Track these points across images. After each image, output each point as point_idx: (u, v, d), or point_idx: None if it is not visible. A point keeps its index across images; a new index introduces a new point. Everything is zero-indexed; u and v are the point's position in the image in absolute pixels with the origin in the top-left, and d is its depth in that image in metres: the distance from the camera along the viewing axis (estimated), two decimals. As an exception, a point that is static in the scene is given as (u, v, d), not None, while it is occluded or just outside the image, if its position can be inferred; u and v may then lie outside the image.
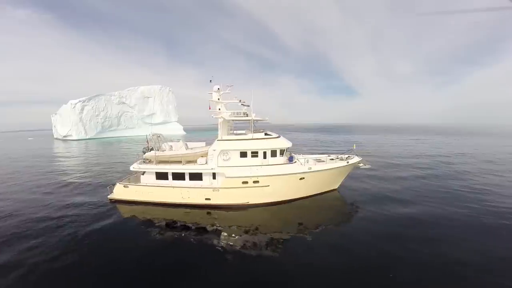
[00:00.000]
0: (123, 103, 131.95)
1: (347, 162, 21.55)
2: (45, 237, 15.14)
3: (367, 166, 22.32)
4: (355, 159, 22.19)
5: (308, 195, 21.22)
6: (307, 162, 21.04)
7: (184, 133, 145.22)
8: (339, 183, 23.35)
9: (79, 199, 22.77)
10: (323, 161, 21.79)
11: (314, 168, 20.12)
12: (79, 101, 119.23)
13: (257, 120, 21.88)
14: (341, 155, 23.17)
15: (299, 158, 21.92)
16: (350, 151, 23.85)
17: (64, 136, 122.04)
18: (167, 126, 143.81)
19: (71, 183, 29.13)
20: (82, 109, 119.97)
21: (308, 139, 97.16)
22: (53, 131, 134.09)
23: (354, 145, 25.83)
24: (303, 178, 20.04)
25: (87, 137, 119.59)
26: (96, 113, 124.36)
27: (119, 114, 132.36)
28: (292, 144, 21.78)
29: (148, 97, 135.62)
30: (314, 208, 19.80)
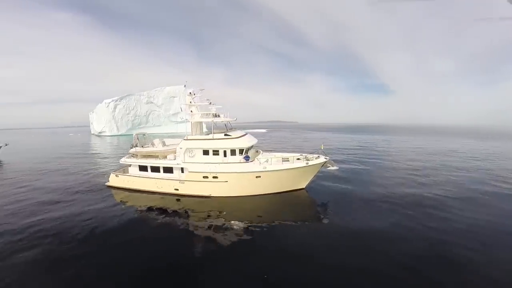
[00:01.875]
0: (151, 102, 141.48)
1: (307, 163, 21.85)
2: (61, 204, 19.67)
3: (334, 168, 22.34)
4: (317, 160, 22.42)
5: (268, 192, 22.17)
6: (267, 161, 21.99)
7: (206, 130, 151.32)
8: (306, 183, 23.59)
9: (91, 181, 28.58)
10: (287, 161, 22.54)
11: (269, 168, 21.20)
12: (112, 101, 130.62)
13: (228, 121, 24.51)
14: (310, 155, 23.49)
15: (267, 156, 23.13)
16: (317, 151, 24.29)
17: (99, 132, 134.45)
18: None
19: (91, 169, 34.70)
20: (115, 107, 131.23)
21: (343, 141, 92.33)
22: (91, 127, 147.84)
23: (322, 145, 25.49)
24: (259, 176, 21.29)
25: (119, 134, 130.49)
26: (127, 111, 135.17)
27: (148, 113, 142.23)
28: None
29: (174, 97, 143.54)
30: (275, 203, 20.73)
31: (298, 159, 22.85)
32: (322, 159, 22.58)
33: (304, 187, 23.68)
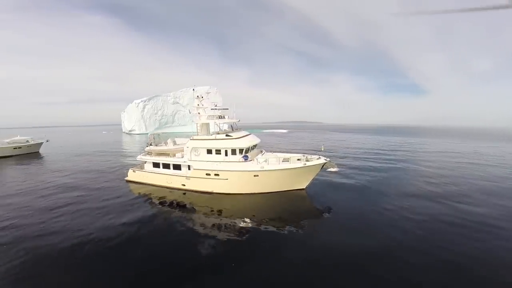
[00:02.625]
0: (177, 102, 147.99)
1: (304, 164, 22.05)
2: (83, 195, 21.92)
3: (334, 169, 22.42)
4: (316, 161, 22.48)
5: (266, 191, 22.77)
6: (265, 161, 22.59)
7: (219, 130, 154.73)
8: (307, 183, 23.74)
9: (115, 175, 31.67)
10: (287, 161, 23.00)
11: (267, 167, 21.82)
12: (141, 101, 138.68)
13: (234, 122, 26.41)
14: (310, 156, 23.67)
15: (268, 156, 23.83)
16: (318, 152, 24.65)
17: (130, 131, 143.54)
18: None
19: (117, 164, 37.90)
20: (144, 107, 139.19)
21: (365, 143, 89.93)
22: (122, 126, 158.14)
23: (323, 146, 25.95)
24: (257, 175, 22.03)
25: (147, 132, 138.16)
26: (155, 111, 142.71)
27: (174, 113, 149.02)
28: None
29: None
30: (273, 202, 21.20)
31: (298, 159, 23.10)
32: (321, 160, 22.66)
33: (304, 187, 23.82)
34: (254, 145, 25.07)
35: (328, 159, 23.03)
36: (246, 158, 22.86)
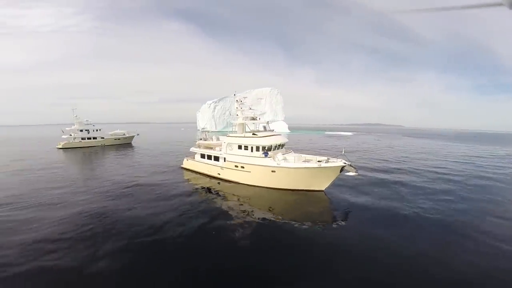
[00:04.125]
0: (242, 103, 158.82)
1: (319, 165, 22.54)
2: (151, 175, 29.33)
3: (353, 173, 21.98)
4: (332, 163, 22.73)
5: (284, 187, 24.50)
6: (284, 159, 24.43)
7: (288, 131, 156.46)
8: (326, 185, 23.93)
9: (176, 163, 38.80)
10: (307, 161, 24.23)
11: (282, 164, 23.69)
12: (213, 102, 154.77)
13: (267, 122, 30.24)
14: (332, 158, 23.96)
15: (291, 155, 25.57)
16: (338, 155, 24.29)
17: (202, 129, 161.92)
18: (274, 125, 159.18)
19: (182, 154, 44.97)
20: (214, 108, 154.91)
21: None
22: (197, 124, 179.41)
23: (344, 150, 25.20)
24: (274, 171, 24.19)
25: (217, 130, 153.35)
26: (223, 111, 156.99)
27: (255, 114, 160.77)
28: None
29: (260, 99, 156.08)
30: (291, 199, 22.60)
31: (319, 161, 23.89)
32: (338, 163, 22.85)
33: (323, 189, 24.21)
34: (279, 145, 27.25)
35: (347, 162, 22.91)
36: (266, 154, 25.52)
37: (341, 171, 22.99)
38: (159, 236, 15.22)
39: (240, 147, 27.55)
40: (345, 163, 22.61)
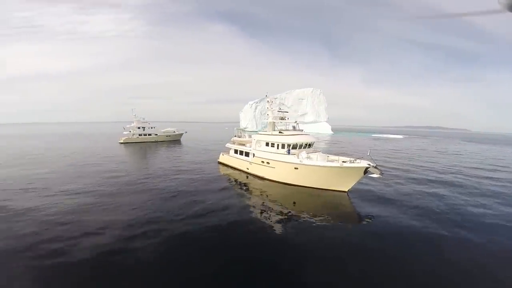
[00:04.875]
0: (282, 104, 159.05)
1: (341, 164, 22.38)
2: (190, 169, 33.06)
3: (377, 175, 21.28)
4: (354, 164, 22.36)
5: (307, 185, 25.05)
6: (308, 158, 24.81)
7: (331, 133, 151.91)
8: (349, 186, 23.52)
9: (214, 158, 42.20)
10: (332, 161, 24.34)
11: (305, 162, 24.26)
12: (254, 102, 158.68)
13: (296, 123, 31.67)
14: (358, 160, 23.41)
15: (316, 155, 25.83)
16: (362, 157, 23.78)
17: (244, 128, 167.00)
18: (317, 126, 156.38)
19: (220, 150, 47.77)
20: (256, 108, 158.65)
21: None
22: (240, 123, 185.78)
23: (369, 151, 24.12)
24: (297, 168, 24.88)
25: (257, 130, 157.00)
26: (264, 111, 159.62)
27: (284, 114, 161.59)
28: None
29: (302, 99, 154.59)
30: (313, 197, 23.14)
31: (343, 161, 23.72)
32: (362, 163, 22.43)
33: (346, 190, 23.90)
34: (305, 143, 27.89)
35: (372, 164, 22.06)
36: (288, 152, 26.73)
37: (365, 172, 22.27)
38: (185, 223, 16.86)
39: (267, 144, 29.18)
40: (369, 165, 21.87)
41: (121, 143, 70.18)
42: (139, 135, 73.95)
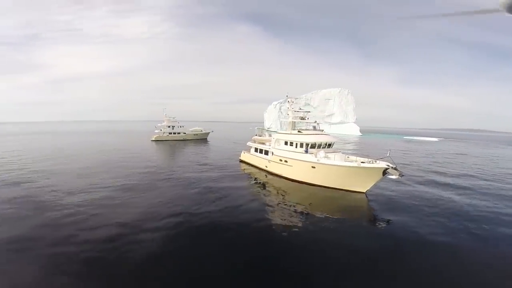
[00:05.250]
0: (308, 104, 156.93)
1: (359, 164, 22.25)
2: (214, 166, 34.79)
3: (395, 176, 20.71)
4: (372, 164, 22.06)
5: (324, 185, 25.10)
6: (326, 157, 24.80)
7: (360, 134, 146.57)
8: (367, 187, 23.16)
9: (236, 156, 43.41)
10: (350, 161, 24.27)
11: (322, 161, 24.28)
12: (278, 102, 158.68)
13: (317, 123, 31.86)
14: (377, 161, 22.90)
15: (334, 154, 25.70)
16: (382, 158, 22.97)
17: (268, 128, 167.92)
18: (344, 126, 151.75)
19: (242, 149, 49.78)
20: (280, 108, 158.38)
21: None
22: (264, 124, 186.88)
23: (389, 151, 22.93)
24: (314, 167, 24.96)
25: (281, 130, 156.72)
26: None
27: (304, 114, 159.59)
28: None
29: (329, 99, 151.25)
30: (330, 198, 23.21)
31: (362, 162, 23.44)
32: (380, 164, 21.92)
33: (364, 191, 23.64)
34: (324, 143, 27.90)
35: (391, 165, 21.59)
36: (306, 151, 26.97)
37: (384, 174, 21.67)
38: (202, 217, 18.02)
39: (286, 143, 29.81)
40: (388, 166, 21.47)
41: (153, 140, 74.90)
42: (169, 133, 78.34)
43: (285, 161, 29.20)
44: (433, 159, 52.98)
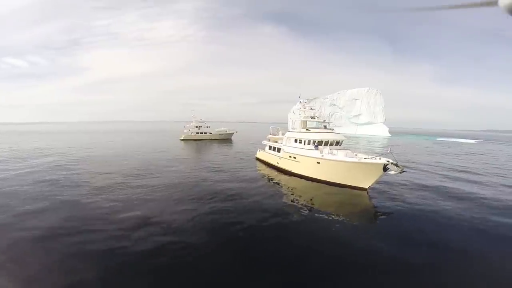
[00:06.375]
0: (334, 104, 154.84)
1: (359, 160, 23.21)
2: (232, 163, 38.30)
3: (395, 172, 21.32)
4: (372, 160, 22.78)
5: (328, 180, 26.50)
6: (329, 153, 26.07)
7: (389, 135, 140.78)
8: (369, 183, 23.65)
9: (254, 153, 46.16)
10: (353, 157, 24.97)
11: (326, 157, 25.62)
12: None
13: (327, 122, 34.02)
14: (377, 156, 23.68)
15: (341, 151, 26.43)
16: (384, 154, 23.51)
17: (293, 128, 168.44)
18: (372, 127, 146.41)
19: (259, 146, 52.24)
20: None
21: None
22: (288, 124, 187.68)
23: (390, 148, 23.34)
24: (319, 162, 26.47)
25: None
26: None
27: (330, 114, 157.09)
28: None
29: (356, 99, 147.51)
30: (332, 193, 24.04)
31: (365, 158, 24.23)
32: (380, 160, 22.59)
33: (366, 187, 24.22)
34: (332, 140, 29.38)
35: (392, 161, 22.24)
36: (316, 147, 28.64)
37: (385, 170, 22.12)
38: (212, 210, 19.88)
39: (296, 140, 32.02)
40: (388, 161, 22.06)
41: (182, 139, 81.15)
42: (196, 133, 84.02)
43: (294, 157, 31.24)
44: (447, 158, 50.93)
